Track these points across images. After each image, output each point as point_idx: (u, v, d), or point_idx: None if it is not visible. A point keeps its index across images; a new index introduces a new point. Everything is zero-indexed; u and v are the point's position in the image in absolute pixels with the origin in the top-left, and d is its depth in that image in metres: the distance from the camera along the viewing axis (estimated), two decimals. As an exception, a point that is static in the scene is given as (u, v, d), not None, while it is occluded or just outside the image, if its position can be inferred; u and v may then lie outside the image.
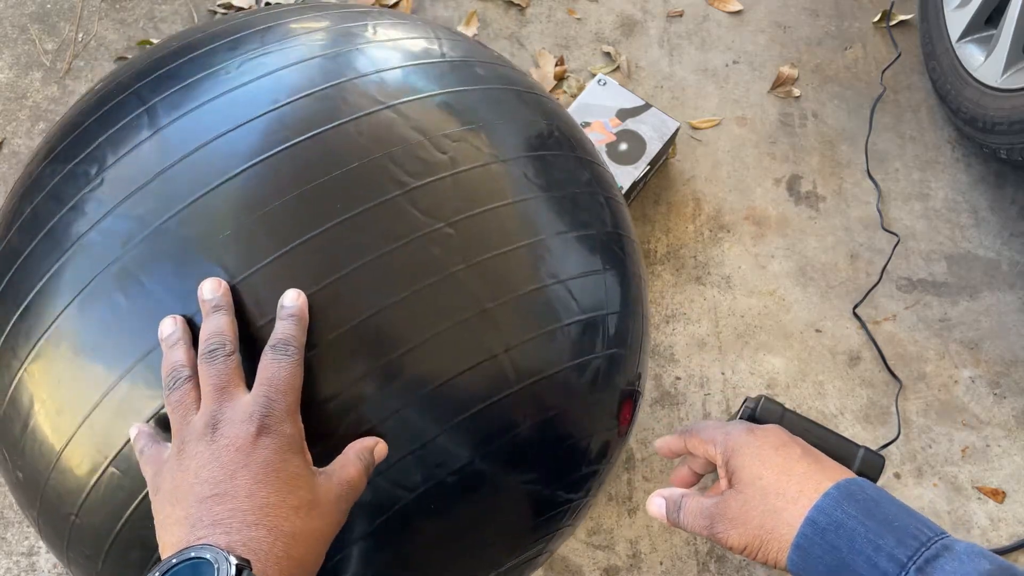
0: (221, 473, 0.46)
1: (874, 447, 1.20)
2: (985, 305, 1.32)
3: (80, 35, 1.50)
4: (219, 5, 1.51)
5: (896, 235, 1.36)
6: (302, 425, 0.50)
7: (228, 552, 0.42)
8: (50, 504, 0.60)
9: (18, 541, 1.14)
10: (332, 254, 0.55)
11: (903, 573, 0.49)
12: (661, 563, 1.14)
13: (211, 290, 0.51)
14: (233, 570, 0.41)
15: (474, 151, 0.61)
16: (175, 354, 0.50)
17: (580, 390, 0.64)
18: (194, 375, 0.50)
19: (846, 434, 1.19)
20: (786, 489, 0.55)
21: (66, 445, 0.57)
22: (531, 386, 0.60)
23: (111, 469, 0.56)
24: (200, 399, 0.49)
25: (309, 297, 0.53)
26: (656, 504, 0.64)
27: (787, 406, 0.67)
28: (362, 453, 0.51)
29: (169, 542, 0.45)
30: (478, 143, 0.62)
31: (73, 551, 0.61)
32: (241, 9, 1.50)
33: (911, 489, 1.19)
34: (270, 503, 0.45)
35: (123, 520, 0.57)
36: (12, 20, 1.51)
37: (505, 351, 0.58)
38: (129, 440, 0.54)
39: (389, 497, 0.57)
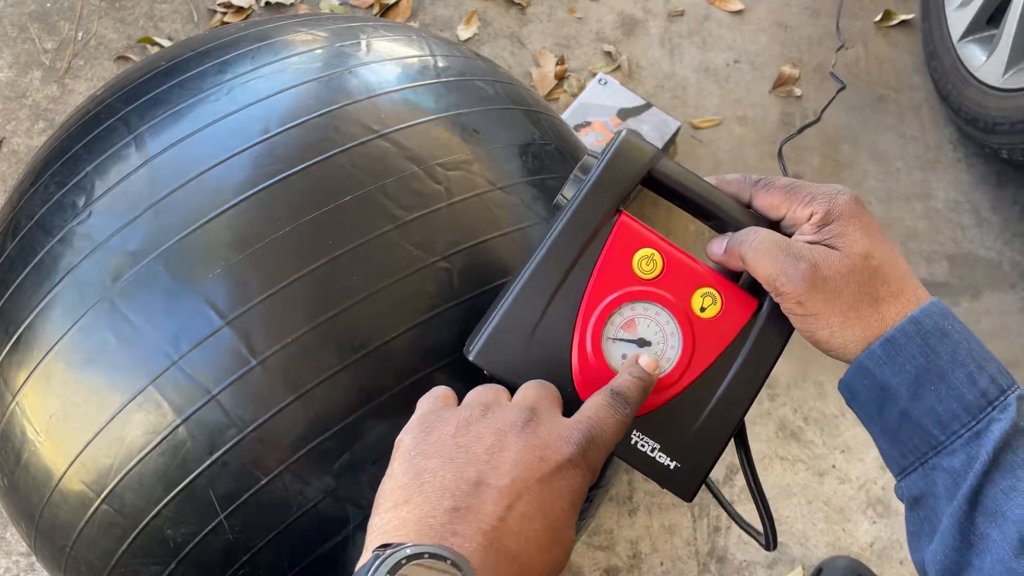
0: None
1: (874, 448, 1.20)
2: (986, 306, 1.32)
3: (80, 34, 1.50)
4: (219, 4, 1.51)
5: (896, 236, 1.36)
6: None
7: None
8: (45, 535, 0.60)
9: (18, 540, 1.14)
10: (323, 293, 0.53)
11: (1003, 397, 0.45)
12: (661, 563, 1.13)
13: None
14: None
15: (470, 179, 0.59)
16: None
17: None
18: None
19: (847, 434, 1.19)
20: (890, 279, 0.49)
21: (59, 480, 0.56)
22: None
23: (104, 506, 0.55)
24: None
25: (301, 336, 0.52)
26: (715, 244, 0.53)
27: (787, 407, 0.66)
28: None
29: None
30: (474, 170, 0.60)
31: None
32: (241, 8, 1.50)
33: (912, 490, 1.19)
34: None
35: (117, 557, 0.56)
36: (12, 19, 1.51)
37: None
38: (122, 477, 0.53)
39: None
